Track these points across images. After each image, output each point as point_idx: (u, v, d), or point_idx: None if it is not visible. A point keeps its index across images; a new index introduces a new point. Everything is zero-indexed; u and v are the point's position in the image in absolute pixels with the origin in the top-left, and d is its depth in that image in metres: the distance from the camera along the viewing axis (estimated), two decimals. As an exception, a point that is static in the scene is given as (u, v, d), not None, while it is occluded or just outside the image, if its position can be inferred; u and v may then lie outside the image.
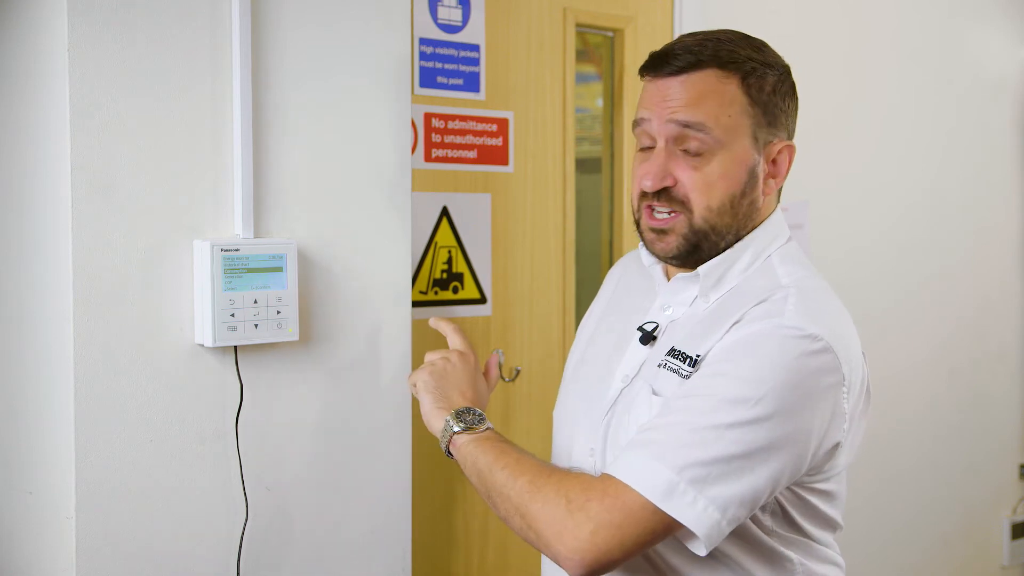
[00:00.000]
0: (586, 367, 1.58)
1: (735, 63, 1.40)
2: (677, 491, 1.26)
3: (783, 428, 1.29)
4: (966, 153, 3.67)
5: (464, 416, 1.44)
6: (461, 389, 1.50)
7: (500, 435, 1.43)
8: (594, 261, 2.75)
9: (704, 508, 1.26)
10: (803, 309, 1.34)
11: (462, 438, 1.42)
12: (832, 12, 3.22)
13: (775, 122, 1.43)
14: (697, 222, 1.41)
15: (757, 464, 1.28)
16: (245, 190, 1.65)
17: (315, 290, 1.75)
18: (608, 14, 2.66)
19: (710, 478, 1.26)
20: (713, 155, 1.39)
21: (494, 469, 1.36)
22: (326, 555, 1.79)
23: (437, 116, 2.31)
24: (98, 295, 1.54)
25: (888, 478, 3.43)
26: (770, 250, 1.45)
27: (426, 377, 1.51)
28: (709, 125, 1.39)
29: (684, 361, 1.39)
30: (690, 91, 1.40)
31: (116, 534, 1.57)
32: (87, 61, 1.52)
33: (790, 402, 1.29)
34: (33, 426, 1.63)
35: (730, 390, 1.29)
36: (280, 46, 1.71)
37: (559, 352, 2.56)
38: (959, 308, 3.67)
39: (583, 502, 1.28)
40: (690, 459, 1.26)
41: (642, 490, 1.26)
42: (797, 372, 1.30)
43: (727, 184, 1.40)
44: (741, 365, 1.31)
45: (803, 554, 1.43)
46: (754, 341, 1.32)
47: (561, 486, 1.30)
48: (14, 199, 1.66)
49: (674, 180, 1.41)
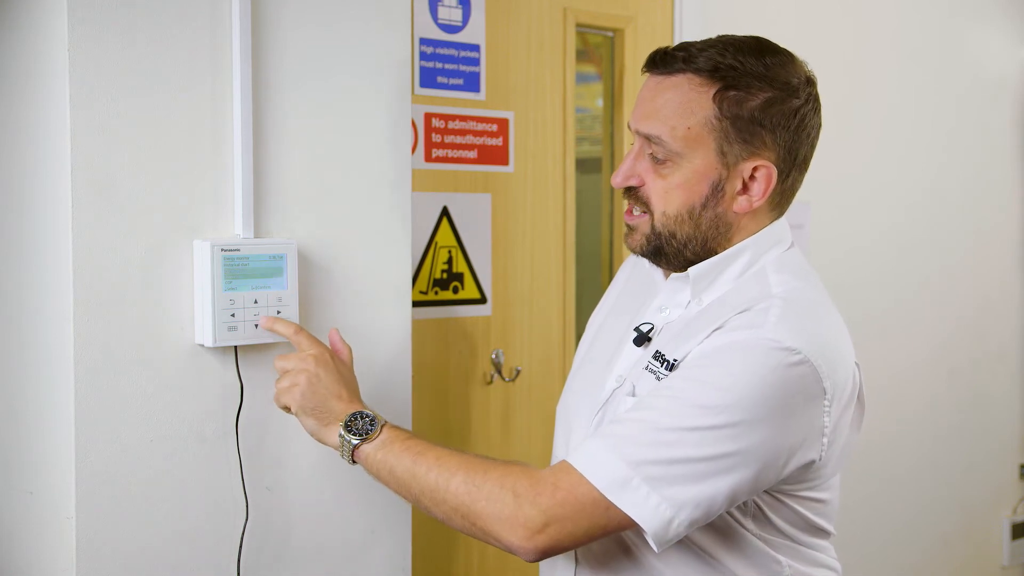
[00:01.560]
0: (588, 365, 1.58)
1: (715, 72, 1.36)
2: (630, 486, 1.25)
3: (748, 439, 1.27)
4: (966, 153, 3.67)
5: (354, 424, 1.42)
6: (335, 393, 1.47)
7: (400, 430, 1.42)
8: (594, 261, 2.75)
9: (656, 505, 1.25)
10: (785, 321, 1.32)
11: (365, 449, 1.41)
12: (833, 12, 3.22)
13: (753, 140, 1.38)
14: (656, 225, 1.42)
15: (717, 471, 1.27)
16: (245, 190, 1.65)
17: (315, 290, 1.75)
18: (608, 14, 2.66)
19: (667, 478, 1.26)
20: (676, 164, 1.39)
21: (417, 474, 1.35)
22: (326, 555, 1.79)
23: (437, 116, 2.31)
24: (98, 295, 1.54)
25: (888, 478, 3.43)
26: (766, 258, 1.43)
27: (298, 399, 1.47)
28: (664, 138, 1.38)
29: (662, 364, 1.39)
30: (657, 99, 1.40)
31: (116, 534, 1.57)
32: (87, 61, 1.52)
33: (759, 414, 1.27)
34: (33, 426, 1.63)
35: (700, 395, 1.28)
36: (280, 46, 1.71)
37: (559, 352, 2.56)
38: (959, 308, 3.67)
39: (533, 496, 1.28)
40: (648, 456, 1.26)
41: (595, 481, 1.26)
42: (770, 385, 1.28)
43: (684, 194, 1.39)
44: (714, 372, 1.30)
45: (792, 557, 1.42)
46: (731, 349, 1.31)
47: (505, 480, 1.30)
48: (14, 199, 1.66)
49: (640, 180, 1.42)
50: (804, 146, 1.42)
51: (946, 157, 3.60)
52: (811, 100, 1.41)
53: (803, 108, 1.39)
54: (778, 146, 1.39)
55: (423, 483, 1.35)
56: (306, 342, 1.53)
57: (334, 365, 1.51)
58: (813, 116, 1.42)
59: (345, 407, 1.46)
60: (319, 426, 1.47)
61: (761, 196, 1.40)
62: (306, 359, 1.50)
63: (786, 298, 1.36)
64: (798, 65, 1.41)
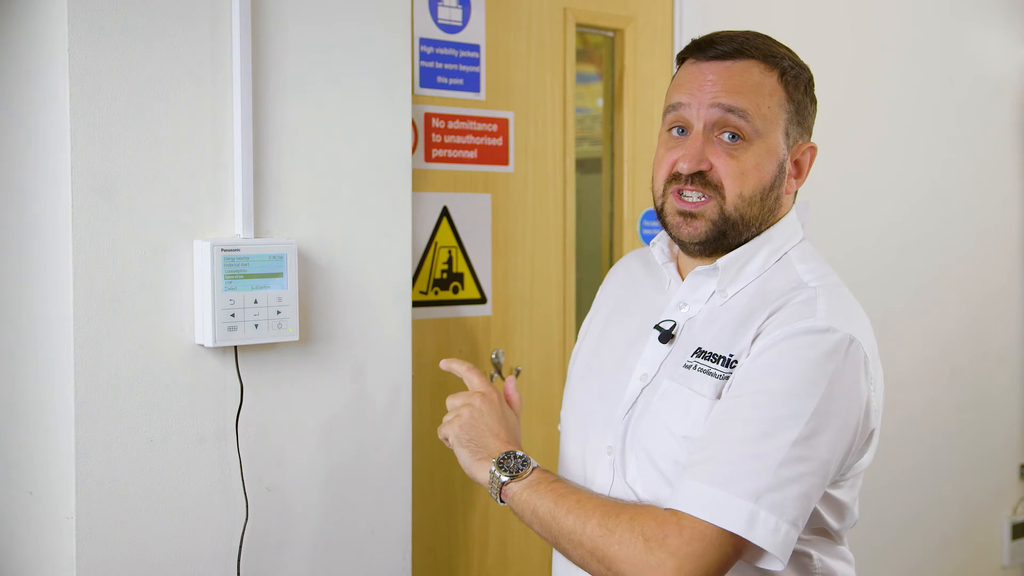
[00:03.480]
0: (597, 368, 1.56)
1: (775, 58, 1.43)
2: (758, 520, 1.26)
3: (834, 432, 1.30)
4: (967, 153, 3.67)
5: (507, 463, 1.43)
6: (494, 431, 1.49)
7: (549, 473, 1.43)
8: (594, 261, 2.75)
9: (786, 532, 1.27)
10: (834, 309, 1.36)
11: (512, 487, 1.41)
12: (833, 12, 3.22)
13: (804, 122, 1.46)
14: (728, 209, 1.42)
15: (821, 474, 1.30)
16: (245, 190, 1.65)
17: (315, 290, 1.75)
18: (608, 14, 2.66)
19: (787, 500, 1.27)
20: (749, 144, 1.41)
21: (557, 516, 1.36)
22: (326, 555, 1.79)
23: (437, 116, 2.31)
24: (98, 295, 1.54)
25: (888, 478, 3.43)
26: (786, 247, 1.46)
27: (456, 431, 1.49)
28: (751, 113, 1.40)
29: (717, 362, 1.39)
30: (734, 78, 1.42)
31: (116, 534, 1.57)
32: (87, 61, 1.52)
33: (837, 405, 1.31)
34: (33, 426, 1.63)
35: (782, 407, 1.29)
36: (280, 46, 1.71)
37: (559, 352, 2.56)
38: (959, 308, 3.67)
39: (661, 538, 1.28)
40: (763, 485, 1.27)
41: (720, 523, 1.26)
42: (840, 375, 1.31)
43: (759, 175, 1.42)
44: (785, 378, 1.31)
45: (821, 551, 1.44)
46: (793, 350, 1.32)
47: (634, 523, 1.30)
48: (14, 199, 1.66)
49: (709, 165, 1.42)
50: None
51: (946, 157, 3.60)
52: None
53: None
54: (812, 127, 1.49)
55: (562, 525, 1.35)
56: (477, 380, 1.56)
57: (500, 407, 1.53)
58: None
59: (501, 446, 1.47)
60: (472, 460, 1.47)
61: (805, 175, 1.48)
62: (473, 396, 1.52)
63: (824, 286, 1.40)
64: None
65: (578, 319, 2.60)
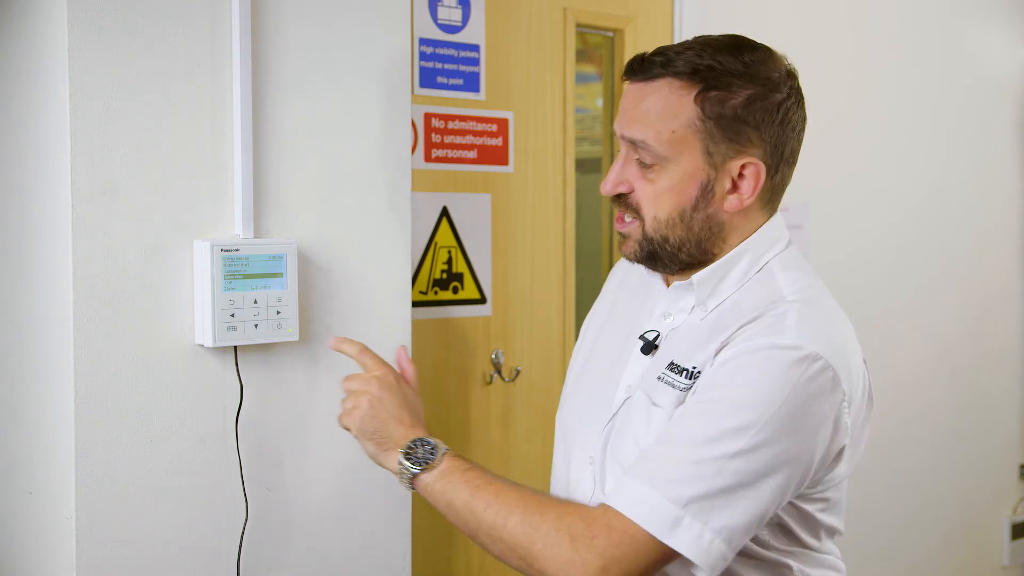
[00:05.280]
0: (589, 375, 1.56)
1: (695, 74, 1.36)
2: (682, 525, 1.25)
3: (786, 452, 1.28)
4: (967, 153, 3.67)
5: (415, 452, 1.40)
6: (397, 417, 1.45)
7: (460, 459, 1.40)
8: (594, 261, 2.75)
9: (710, 541, 1.25)
10: (804, 326, 1.32)
11: (424, 479, 1.38)
12: (834, 12, 3.22)
13: (739, 138, 1.37)
14: (648, 231, 1.41)
15: (761, 491, 1.27)
16: (245, 190, 1.65)
17: (315, 290, 1.75)
18: (608, 14, 2.66)
19: (715, 510, 1.25)
20: (663, 168, 1.38)
21: (475, 509, 1.33)
22: (326, 555, 1.79)
23: (437, 116, 2.31)
24: (98, 295, 1.54)
25: (888, 478, 3.43)
26: (767, 257, 1.42)
27: (358, 422, 1.45)
28: (649, 143, 1.37)
29: (680, 374, 1.38)
30: (639, 104, 1.40)
31: (116, 534, 1.57)
32: (87, 61, 1.52)
33: (791, 425, 1.28)
34: (33, 426, 1.63)
35: (731, 418, 1.28)
36: (280, 46, 1.71)
37: (559, 352, 2.56)
38: (959, 308, 3.66)
39: (589, 538, 1.27)
40: (694, 492, 1.26)
41: (645, 525, 1.25)
42: (799, 395, 1.28)
43: (675, 197, 1.39)
44: (741, 390, 1.29)
45: (802, 561, 1.42)
46: (754, 363, 1.30)
47: (560, 523, 1.29)
48: (14, 199, 1.66)
49: (630, 187, 1.42)
50: (790, 140, 1.41)
51: (947, 157, 3.60)
52: (793, 93, 1.40)
53: (786, 102, 1.39)
54: (764, 142, 1.38)
55: (481, 519, 1.33)
56: (371, 363, 1.50)
57: (398, 387, 1.48)
58: (797, 110, 1.41)
59: (406, 432, 1.43)
60: (379, 451, 1.44)
61: (751, 194, 1.39)
62: (369, 381, 1.47)
63: (801, 300, 1.36)
64: (777, 60, 1.41)
65: (578, 319, 2.60)
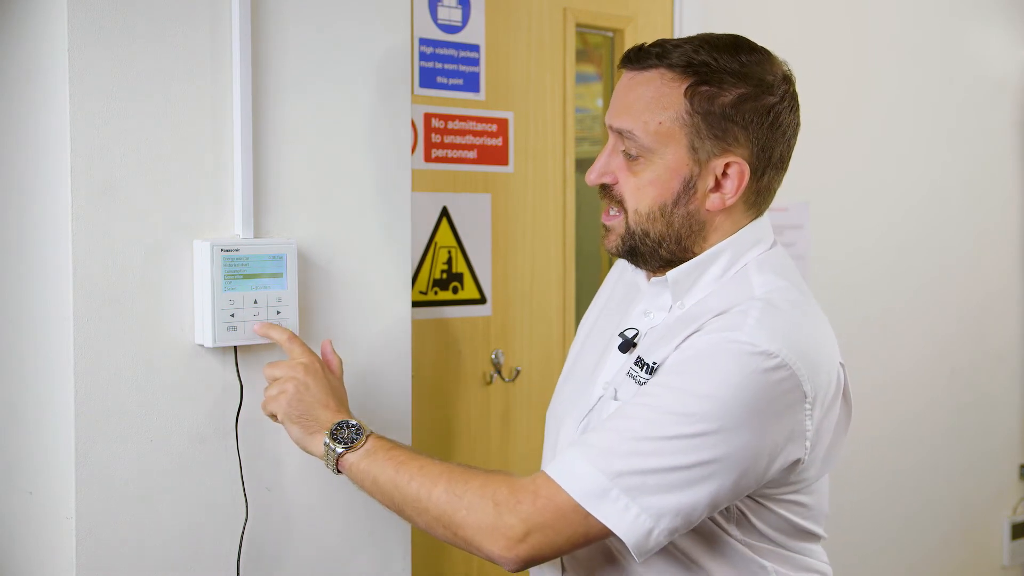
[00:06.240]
0: (576, 371, 1.57)
1: (688, 67, 1.35)
2: (609, 497, 1.25)
3: (728, 445, 1.26)
4: (967, 153, 3.67)
5: (340, 433, 1.42)
6: (323, 402, 1.46)
7: (385, 440, 1.41)
8: (594, 261, 2.75)
9: (636, 516, 1.24)
10: (764, 324, 1.30)
11: (349, 458, 1.40)
12: (834, 12, 3.22)
13: (726, 137, 1.36)
14: (630, 224, 1.40)
15: (697, 479, 1.26)
16: (245, 190, 1.65)
17: (315, 290, 1.75)
18: (608, 14, 2.66)
19: (645, 487, 1.25)
20: (648, 161, 1.38)
21: (399, 483, 1.34)
22: (326, 555, 1.79)
23: (437, 116, 2.31)
24: (98, 295, 1.54)
25: (888, 478, 3.43)
26: (747, 258, 1.41)
27: (284, 407, 1.47)
28: (636, 133, 1.37)
29: (642, 368, 1.38)
30: (630, 93, 1.39)
31: (116, 534, 1.57)
32: (87, 61, 1.52)
33: (737, 419, 1.26)
34: (33, 426, 1.63)
35: (677, 402, 1.27)
36: (280, 46, 1.71)
37: (559, 352, 2.56)
38: (959, 308, 3.67)
39: (513, 504, 1.27)
40: (627, 467, 1.25)
41: (572, 492, 1.25)
42: (748, 390, 1.27)
43: (657, 191, 1.38)
44: (692, 378, 1.29)
45: (779, 562, 1.41)
46: (709, 354, 1.30)
47: (485, 489, 1.29)
48: (14, 199, 1.66)
49: (614, 178, 1.41)
50: (780, 144, 1.40)
51: (946, 157, 3.60)
52: (787, 98, 1.39)
53: (778, 106, 1.38)
54: (752, 143, 1.37)
55: (405, 492, 1.34)
56: (298, 350, 1.53)
57: (323, 375, 1.50)
58: (789, 114, 1.40)
59: (331, 416, 1.45)
60: (304, 434, 1.46)
61: (734, 194, 1.38)
62: (295, 367, 1.49)
63: (767, 299, 1.35)
64: (775, 63, 1.40)
65: (578, 319, 2.60)
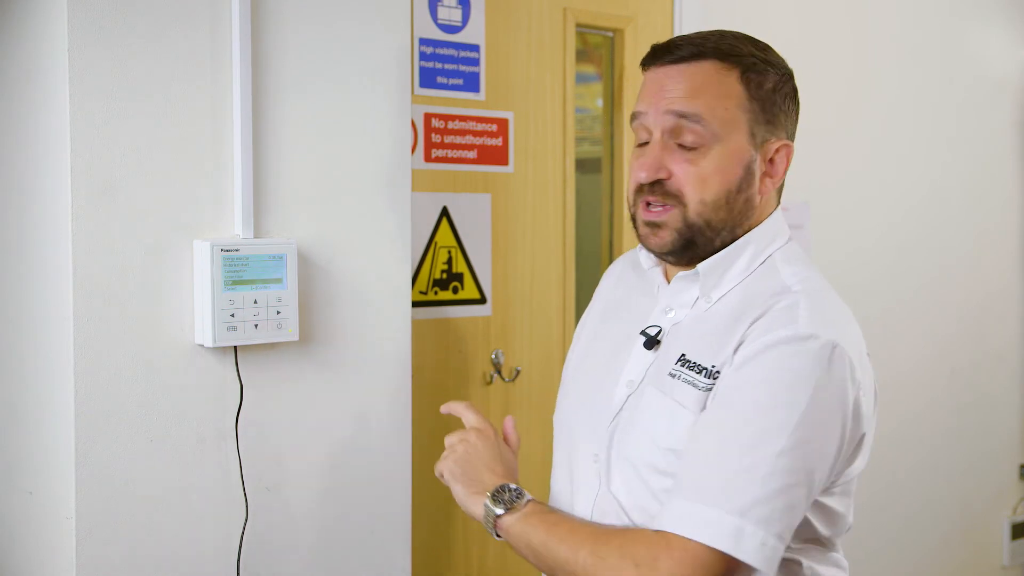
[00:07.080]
0: (585, 372, 1.56)
1: (736, 56, 1.39)
2: (745, 535, 1.25)
3: (822, 443, 1.29)
4: (967, 153, 3.67)
5: (501, 496, 1.42)
6: (489, 466, 1.48)
7: (543, 505, 1.43)
8: (594, 261, 2.75)
9: (773, 547, 1.26)
10: (817, 315, 1.33)
11: (507, 520, 1.41)
12: (834, 12, 3.22)
13: (774, 121, 1.42)
14: (691, 216, 1.39)
15: (806, 483, 1.28)
16: (245, 190, 1.65)
17: (315, 290, 1.75)
18: (608, 14, 2.66)
19: (774, 514, 1.26)
20: (709, 149, 1.38)
21: (550, 546, 1.36)
22: (326, 555, 1.79)
23: (437, 116, 2.31)
24: (98, 295, 1.54)
25: (888, 478, 3.43)
26: (771, 249, 1.43)
27: (451, 466, 1.49)
28: (705, 117, 1.37)
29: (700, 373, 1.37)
30: (688, 82, 1.39)
31: (116, 534, 1.57)
32: (87, 61, 1.52)
33: (822, 415, 1.29)
34: (33, 426, 1.63)
35: (767, 418, 1.28)
36: (280, 47, 1.71)
37: (559, 352, 2.56)
38: (959, 308, 3.66)
39: (651, 561, 1.27)
40: (750, 498, 1.25)
41: (707, 540, 1.25)
42: (825, 383, 1.29)
43: (722, 178, 1.38)
44: (771, 388, 1.29)
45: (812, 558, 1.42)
46: (775, 359, 1.30)
47: (624, 550, 1.30)
48: (14, 199, 1.66)
49: (668, 173, 1.39)
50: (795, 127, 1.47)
51: (947, 157, 3.60)
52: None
53: (797, 91, 1.46)
54: (788, 126, 1.44)
55: (556, 555, 1.35)
56: (474, 418, 1.55)
57: (495, 442, 1.52)
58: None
59: (496, 480, 1.46)
60: (467, 494, 1.47)
61: (782, 175, 1.44)
62: (468, 432, 1.52)
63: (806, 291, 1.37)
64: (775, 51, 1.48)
65: (578, 319, 2.59)
